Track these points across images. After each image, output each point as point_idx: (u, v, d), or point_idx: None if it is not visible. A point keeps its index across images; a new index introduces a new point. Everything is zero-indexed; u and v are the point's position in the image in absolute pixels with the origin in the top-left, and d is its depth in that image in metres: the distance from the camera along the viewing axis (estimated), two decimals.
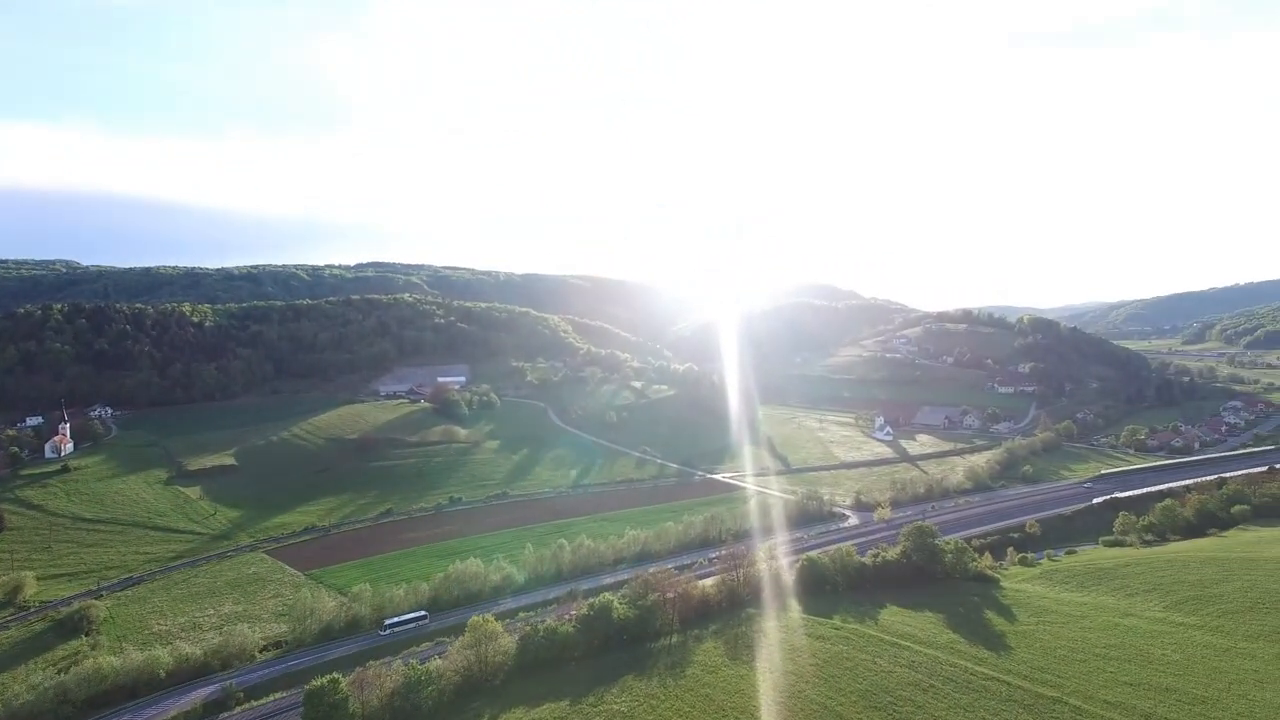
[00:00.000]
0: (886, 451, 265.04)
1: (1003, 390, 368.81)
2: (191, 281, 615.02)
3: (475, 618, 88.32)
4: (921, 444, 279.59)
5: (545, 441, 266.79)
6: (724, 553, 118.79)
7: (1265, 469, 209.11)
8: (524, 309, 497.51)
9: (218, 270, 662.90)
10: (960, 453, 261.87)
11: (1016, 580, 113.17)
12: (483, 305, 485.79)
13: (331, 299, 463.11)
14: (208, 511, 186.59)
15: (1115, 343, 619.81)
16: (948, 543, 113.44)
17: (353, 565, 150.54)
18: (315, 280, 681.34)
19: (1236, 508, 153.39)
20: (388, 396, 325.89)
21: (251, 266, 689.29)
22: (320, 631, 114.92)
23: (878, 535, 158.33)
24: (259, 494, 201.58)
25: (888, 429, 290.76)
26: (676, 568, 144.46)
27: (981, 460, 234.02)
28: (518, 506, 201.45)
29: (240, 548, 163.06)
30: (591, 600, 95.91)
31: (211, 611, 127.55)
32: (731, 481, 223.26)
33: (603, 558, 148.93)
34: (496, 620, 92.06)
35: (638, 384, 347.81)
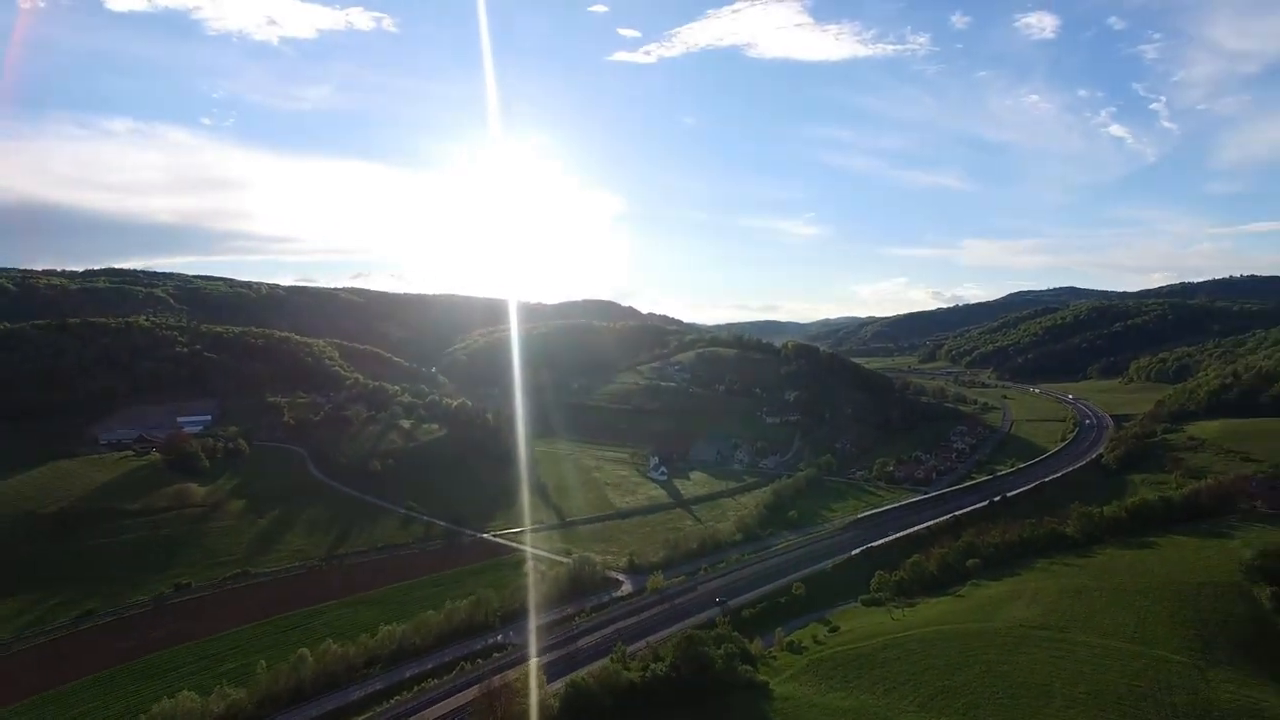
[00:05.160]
0: (661, 495, 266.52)
1: (770, 420, 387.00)
2: None
3: None
4: (695, 484, 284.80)
5: (300, 499, 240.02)
6: (482, 679, 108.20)
7: (986, 502, 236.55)
8: (285, 334, 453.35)
9: None
10: (732, 493, 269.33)
11: (785, 677, 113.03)
12: (236, 330, 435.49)
13: (40, 322, 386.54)
14: None
15: (865, 362, 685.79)
16: (717, 648, 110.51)
17: (20, 710, 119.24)
18: (24, 292, 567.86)
19: (970, 561, 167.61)
20: (111, 446, 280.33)
21: None
22: None
23: (651, 611, 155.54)
24: None
25: (662, 469, 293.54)
26: (435, 668, 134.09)
27: (751, 504, 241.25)
28: (260, 589, 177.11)
29: None
30: None
31: None
32: (503, 542, 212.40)
33: (353, 663, 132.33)
34: None
35: (407, 423, 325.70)
